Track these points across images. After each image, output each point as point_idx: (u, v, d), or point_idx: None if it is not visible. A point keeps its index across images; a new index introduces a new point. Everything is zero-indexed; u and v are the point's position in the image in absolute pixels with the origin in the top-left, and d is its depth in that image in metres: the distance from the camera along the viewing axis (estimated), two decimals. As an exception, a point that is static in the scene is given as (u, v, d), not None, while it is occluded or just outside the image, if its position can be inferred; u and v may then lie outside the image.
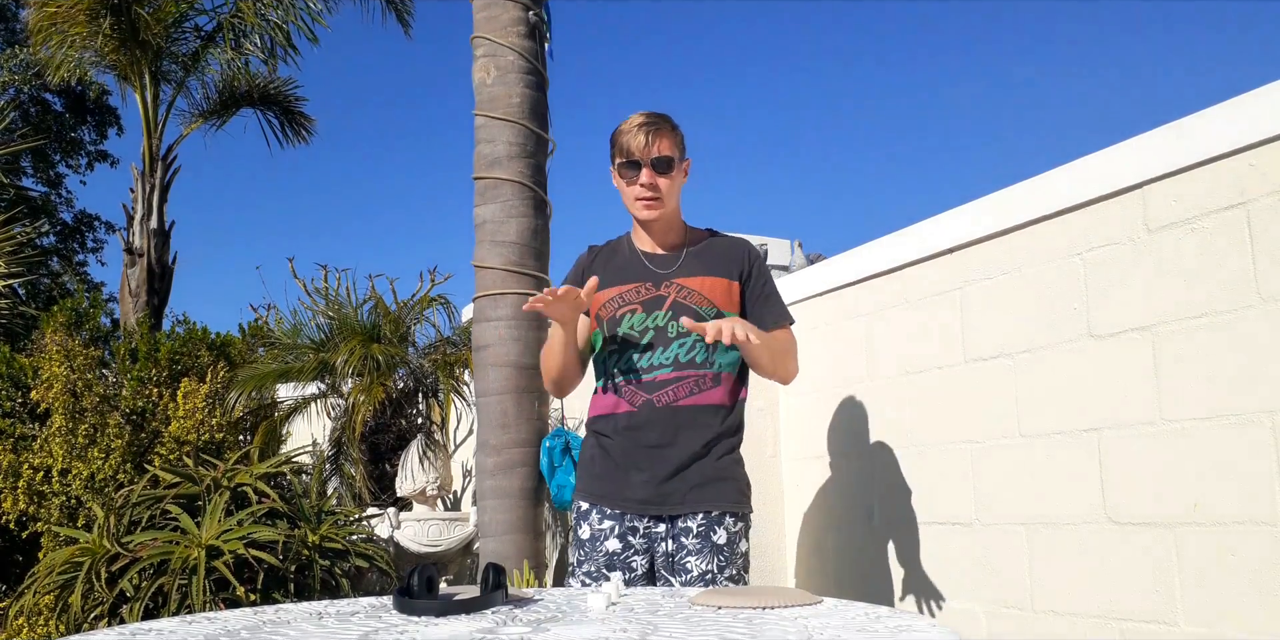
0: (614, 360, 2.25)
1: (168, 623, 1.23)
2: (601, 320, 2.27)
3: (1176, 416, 2.15)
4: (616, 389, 2.24)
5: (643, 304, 2.24)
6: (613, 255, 2.34)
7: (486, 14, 3.52)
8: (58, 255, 17.15)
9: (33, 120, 15.38)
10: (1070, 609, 2.35)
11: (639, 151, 2.20)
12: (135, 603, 3.21)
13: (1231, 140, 2.06)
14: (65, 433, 4.20)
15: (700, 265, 2.27)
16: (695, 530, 2.17)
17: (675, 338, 2.20)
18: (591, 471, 2.28)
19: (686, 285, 2.24)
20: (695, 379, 2.20)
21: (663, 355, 2.21)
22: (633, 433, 2.20)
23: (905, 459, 2.91)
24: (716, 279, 2.26)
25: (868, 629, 1.09)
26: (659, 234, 2.30)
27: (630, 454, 2.21)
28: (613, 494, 2.22)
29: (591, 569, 2.20)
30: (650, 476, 2.19)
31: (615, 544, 2.20)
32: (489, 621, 1.20)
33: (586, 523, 2.24)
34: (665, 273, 2.26)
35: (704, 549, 2.16)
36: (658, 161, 2.21)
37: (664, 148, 2.21)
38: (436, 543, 4.60)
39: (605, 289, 2.26)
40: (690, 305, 2.22)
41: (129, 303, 9.02)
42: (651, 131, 2.20)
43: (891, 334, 3.01)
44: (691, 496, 2.18)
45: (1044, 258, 2.50)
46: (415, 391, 5.47)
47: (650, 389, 2.20)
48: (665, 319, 2.22)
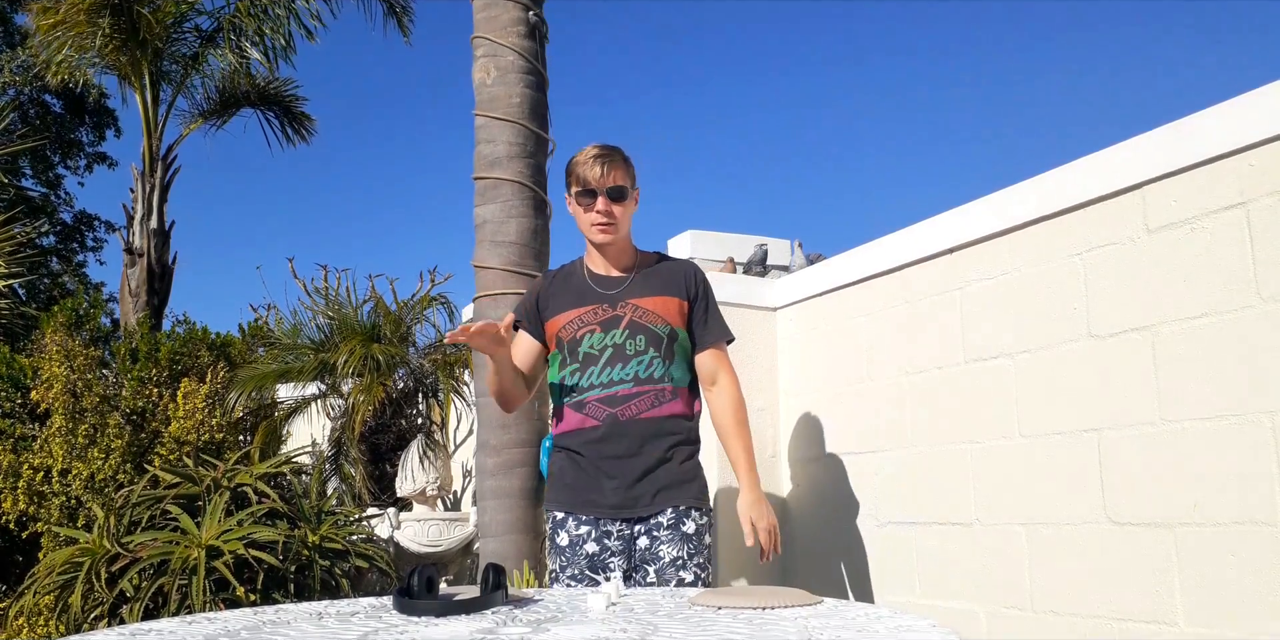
0: (575, 378, 2.38)
1: (168, 623, 1.23)
2: (561, 341, 2.41)
3: (1176, 417, 2.15)
4: (580, 405, 2.37)
5: (600, 324, 2.39)
6: (567, 279, 2.49)
7: (486, 14, 3.52)
8: (57, 255, 17.15)
9: (32, 121, 15.38)
10: (1070, 609, 2.35)
11: (595, 181, 2.36)
12: (135, 603, 3.21)
13: (1231, 140, 2.06)
14: (65, 433, 4.20)
15: (651, 286, 2.44)
16: (666, 523, 2.34)
17: (634, 355, 2.36)
18: (562, 482, 2.41)
19: (640, 305, 2.40)
20: (655, 393, 2.36)
21: (622, 371, 2.36)
22: (600, 445, 2.34)
23: (905, 459, 2.91)
24: (668, 298, 2.43)
25: (867, 629, 1.09)
26: (613, 257, 2.45)
27: (599, 464, 2.35)
28: (585, 501, 2.36)
29: (575, 572, 2.33)
30: (620, 483, 2.33)
31: (593, 547, 2.34)
32: (489, 622, 1.20)
33: (564, 530, 2.37)
34: (617, 293, 2.42)
35: (675, 538, 2.32)
36: (612, 190, 2.37)
37: (618, 178, 2.38)
38: (436, 543, 4.61)
39: (563, 312, 2.42)
40: (645, 323, 2.39)
41: (129, 303, 9.02)
42: (606, 163, 2.37)
43: (891, 334, 3.01)
44: (660, 497, 2.34)
45: (1044, 258, 2.50)
46: (415, 392, 5.47)
47: (613, 403, 2.34)
48: (623, 337, 2.38)
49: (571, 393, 2.39)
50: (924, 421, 2.85)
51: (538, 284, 2.55)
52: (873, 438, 3.04)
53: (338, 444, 5.17)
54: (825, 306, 3.31)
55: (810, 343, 3.37)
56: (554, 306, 2.45)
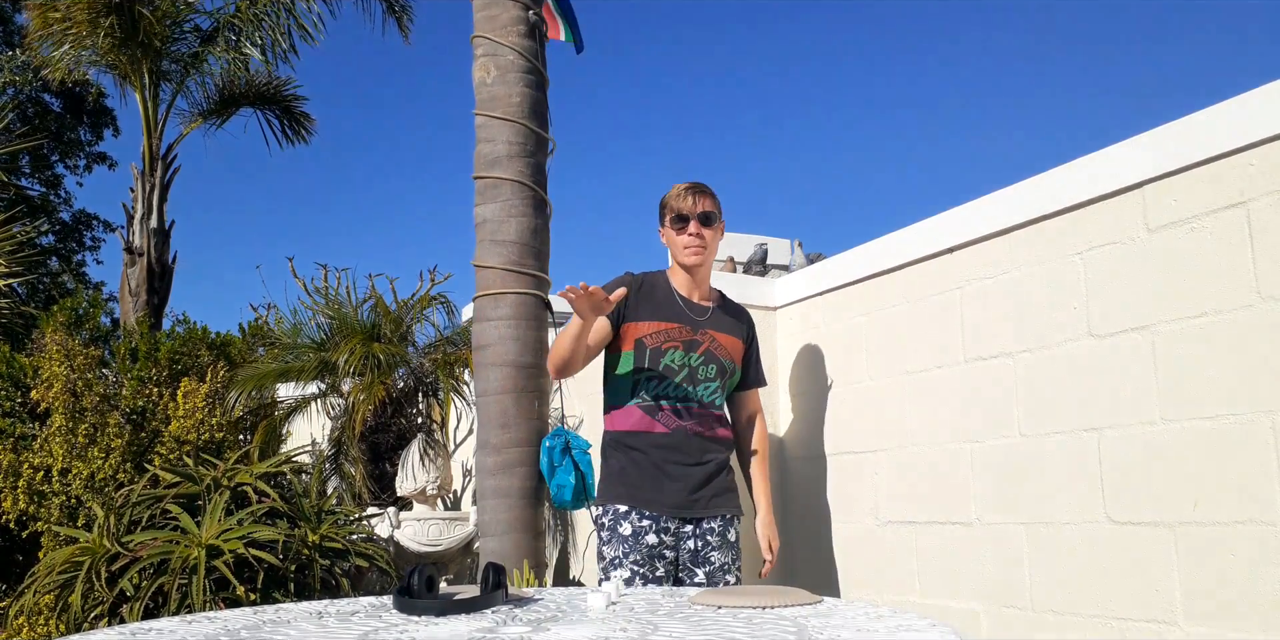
0: (652, 385, 2.66)
1: (168, 622, 1.23)
2: (644, 346, 2.67)
3: (1176, 416, 2.15)
4: (653, 410, 2.66)
5: (683, 343, 2.69)
6: (654, 288, 2.75)
7: (486, 13, 3.51)
8: (57, 255, 17.14)
9: (31, 120, 15.37)
10: (1070, 608, 2.35)
11: (688, 209, 2.68)
12: (135, 602, 3.21)
13: (1231, 140, 2.06)
14: (65, 432, 4.20)
15: (725, 324, 2.77)
16: (717, 530, 2.67)
17: (703, 381, 2.70)
18: (626, 479, 2.67)
19: (718, 338, 2.73)
20: (715, 417, 2.73)
21: (693, 391, 2.68)
22: (668, 451, 2.64)
23: (905, 459, 2.91)
24: (736, 339, 2.79)
25: (867, 628, 1.09)
26: (698, 282, 2.76)
27: (664, 467, 2.64)
28: (650, 499, 2.63)
29: (638, 558, 2.59)
30: (683, 486, 2.64)
31: (654, 538, 2.61)
32: (489, 621, 1.20)
33: (627, 521, 2.62)
34: (701, 321, 2.73)
35: (723, 545, 2.67)
36: (703, 216, 2.69)
37: (708, 205, 2.71)
38: (436, 542, 4.60)
39: (652, 321, 2.68)
40: (718, 356, 2.72)
41: (129, 302, 9.02)
42: (696, 193, 2.70)
43: (891, 333, 3.01)
44: (714, 503, 2.68)
45: (1044, 257, 2.50)
46: (415, 391, 5.47)
47: (683, 417, 2.67)
48: (698, 361, 2.69)
49: (645, 396, 2.66)
50: (924, 421, 2.85)
51: (628, 281, 2.73)
52: (873, 437, 3.04)
53: (338, 443, 5.17)
54: (825, 306, 3.31)
55: (810, 342, 3.37)
56: (644, 311, 2.69)
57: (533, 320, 3.33)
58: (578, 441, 3.56)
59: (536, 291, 3.37)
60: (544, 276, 3.45)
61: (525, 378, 3.32)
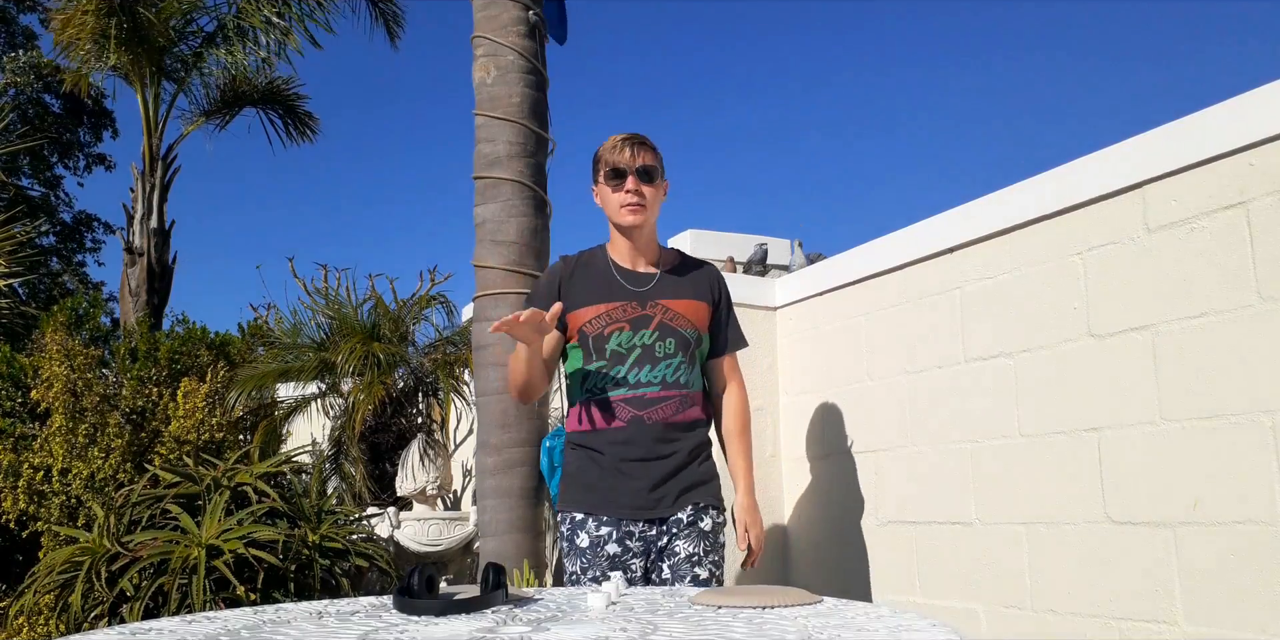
0: (599, 377, 2.33)
1: (168, 622, 1.23)
2: (586, 336, 2.34)
3: (1177, 416, 2.15)
4: (604, 404, 2.32)
5: (630, 322, 2.34)
6: (588, 268, 2.41)
7: (486, 13, 3.52)
8: (57, 255, 17.15)
9: (31, 121, 15.38)
10: (1070, 608, 2.35)
11: (624, 162, 2.33)
12: (135, 602, 3.21)
13: (1231, 140, 2.06)
14: (65, 432, 4.20)
15: (680, 287, 2.39)
16: (685, 520, 2.32)
17: (663, 358, 2.32)
18: (581, 482, 2.35)
19: (671, 307, 2.36)
20: (680, 397, 2.33)
21: (650, 373, 2.31)
22: (623, 447, 2.30)
23: (905, 458, 2.91)
24: (698, 302, 2.39)
25: (867, 628, 1.09)
26: (641, 247, 2.40)
27: (620, 466, 2.31)
28: (607, 502, 2.31)
29: (596, 574, 2.27)
30: (643, 484, 2.30)
31: (615, 547, 2.29)
32: (489, 621, 1.20)
33: (583, 531, 2.32)
34: (645, 291, 2.37)
35: (692, 534, 2.31)
36: (642, 170, 2.33)
37: (647, 159, 2.35)
38: (436, 542, 4.60)
39: (589, 306, 2.35)
40: (675, 327, 2.35)
41: (129, 302, 9.02)
42: (635, 145, 2.35)
43: (891, 333, 3.01)
44: (681, 498, 2.32)
45: (1044, 257, 2.50)
46: (415, 391, 5.47)
47: (639, 405, 2.30)
48: (652, 338, 2.33)
49: (595, 390, 2.34)
50: (924, 421, 2.85)
51: (557, 270, 2.45)
52: (872, 437, 3.04)
53: (338, 443, 5.17)
54: (825, 306, 3.31)
55: (810, 342, 3.37)
56: (578, 297, 2.36)
57: (533, 320, 3.33)
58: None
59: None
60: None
61: (525, 378, 3.32)
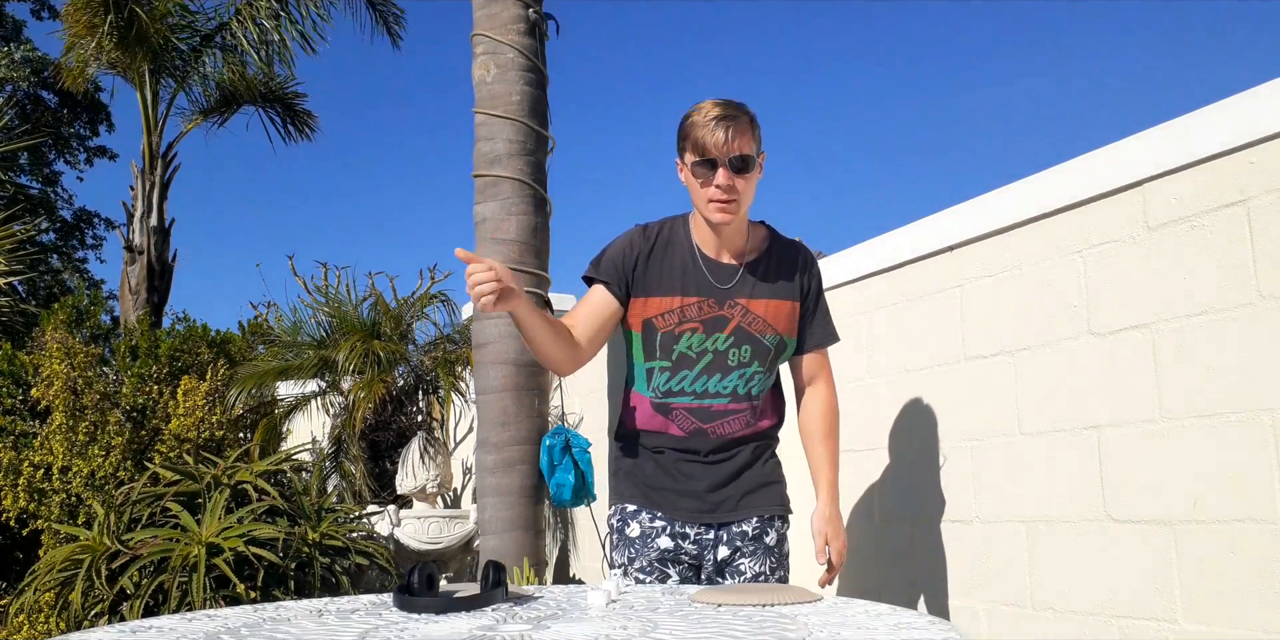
0: (664, 377, 2.11)
1: (168, 620, 1.23)
2: (654, 329, 2.10)
3: (1177, 414, 2.15)
4: (665, 409, 2.13)
5: (704, 323, 2.09)
6: (668, 250, 2.12)
7: (486, 12, 3.52)
8: (57, 252, 17.15)
9: (30, 117, 15.37)
10: (1070, 607, 2.36)
11: (716, 149, 1.98)
12: (136, 600, 3.21)
13: (1231, 138, 2.06)
14: (66, 430, 4.21)
15: (765, 284, 2.13)
16: (750, 533, 2.14)
17: (735, 367, 2.10)
18: (637, 479, 2.18)
19: (751, 310, 2.11)
20: (750, 411, 2.14)
21: (720, 383, 2.10)
22: (683, 453, 2.14)
23: (905, 457, 2.91)
24: (780, 302, 2.14)
25: (867, 626, 1.09)
26: (727, 239, 2.11)
27: (679, 466, 2.14)
28: (664, 502, 2.14)
29: (644, 564, 2.11)
30: (702, 486, 2.13)
31: (667, 542, 2.12)
32: (489, 619, 1.20)
33: (635, 521, 2.15)
34: (728, 288, 2.10)
35: (757, 551, 2.13)
36: (736, 160, 2.00)
37: (744, 145, 2.00)
38: (437, 540, 4.61)
39: (665, 296, 2.09)
40: (753, 332, 2.11)
41: (129, 300, 9.03)
42: (732, 126, 1.98)
43: (891, 332, 3.01)
44: (744, 502, 2.15)
45: (1044, 255, 2.50)
46: (415, 389, 5.47)
47: (704, 417, 2.11)
48: (726, 344, 2.09)
49: (658, 392, 2.13)
50: (923, 419, 2.85)
51: (636, 242, 2.13)
52: (872, 435, 3.04)
53: (338, 441, 5.17)
54: (825, 304, 3.31)
55: (810, 340, 3.37)
56: (653, 283, 2.09)
57: (533, 318, 3.33)
58: (578, 440, 3.56)
59: (536, 290, 3.37)
60: (544, 275, 3.46)
61: (525, 376, 3.33)
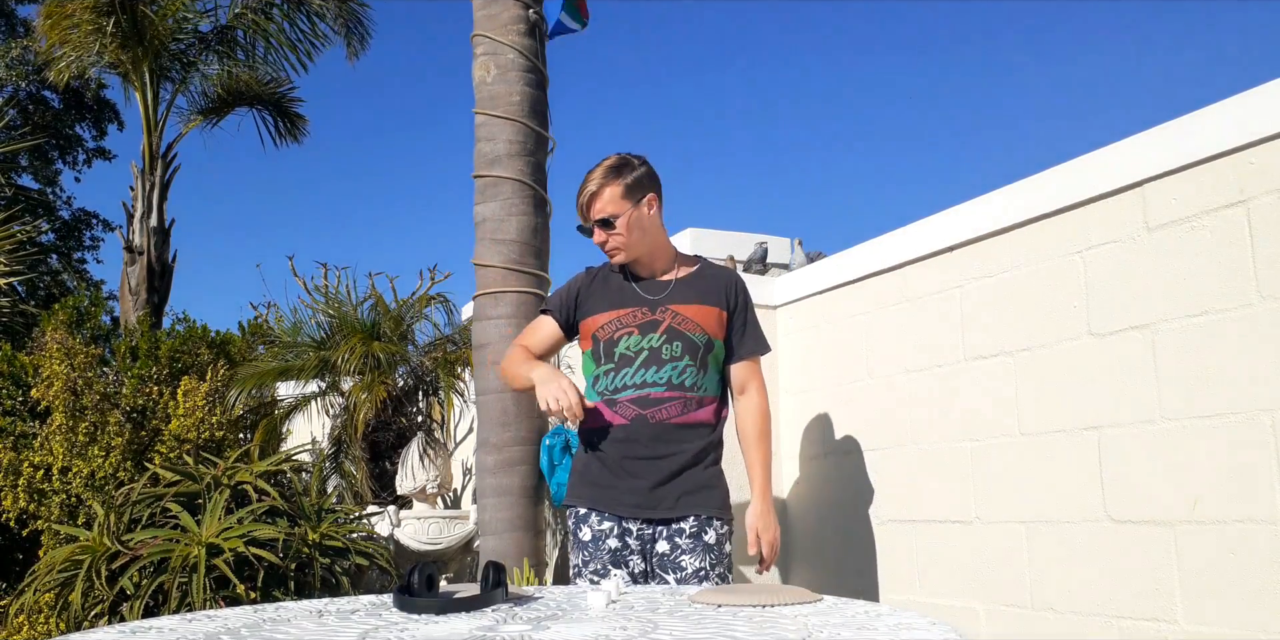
0: (610, 377, 2.42)
1: (168, 621, 1.23)
2: (598, 340, 2.45)
3: (1176, 414, 2.15)
4: (611, 403, 2.40)
5: (638, 327, 2.42)
6: (607, 279, 2.53)
7: (486, 12, 3.51)
8: (57, 253, 17.14)
9: (31, 118, 15.36)
10: (1070, 607, 2.36)
11: (583, 218, 2.43)
12: (135, 600, 3.21)
13: (1231, 138, 2.06)
14: (66, 431, 4.20)
15: (692, 293, 2.46)
16: (688, 531, 2.36)
17: (669, 360, 2.39)
18: (586, 478, 2.44)
19: (681, 312, 2.43)
20: (685, 400, 2.39)
21: (656, 374, 2.38)
22: (626, 444, 2.38)
23: (905, 457, 2.91)
24: (708, 307, 2.45)
25: (867, 627, 1.09)
26: (644, 266, 2.49)
27: (623, 464, 2.38)
28: (608, 499, 2.39)
29: (597, 567, 2.36)
30: (644, 483, 2.36)
31: (616, 542, 2.37)
32: (489, 619, 1.20)
33: (586, 525, 2.40)
34: (658, 298, 2.45)
35: (696, 548, 2.35)
36: (601, 222, 2.40)
37: (604, 208, 2.39)
38: (436, 541, 4.61)
39: (602, 312, 2.45)
40: (684, 331, 2.42)
41: (129, 301, 9.03)
42: (590, 196, 2.40)
43: (891, 332, 3.01)
44: (682, 502, 2.37)
45: (1044, 256, 2.50)
46: (415, 390, 5.47)
47: (643, 405, 2.38)
48: (660, 341, 2.40)
49: (604, 391, 2.43)
50: (923, 419, 2.85)
51: (580, 279, 2.57)
52: (872, 435, 3.04)
53: (338, 442, 5.17)
54: (825, 304, 3.31)
55: (810, 341, 3.37)
56: (593, 305, 2.48)
57: (533, 319, 3.33)
58: (578, 440, 3.56)
59: (536, 290, 3.37)
60: (544, 275, 3.46)
61: (525, 376, 3.32)
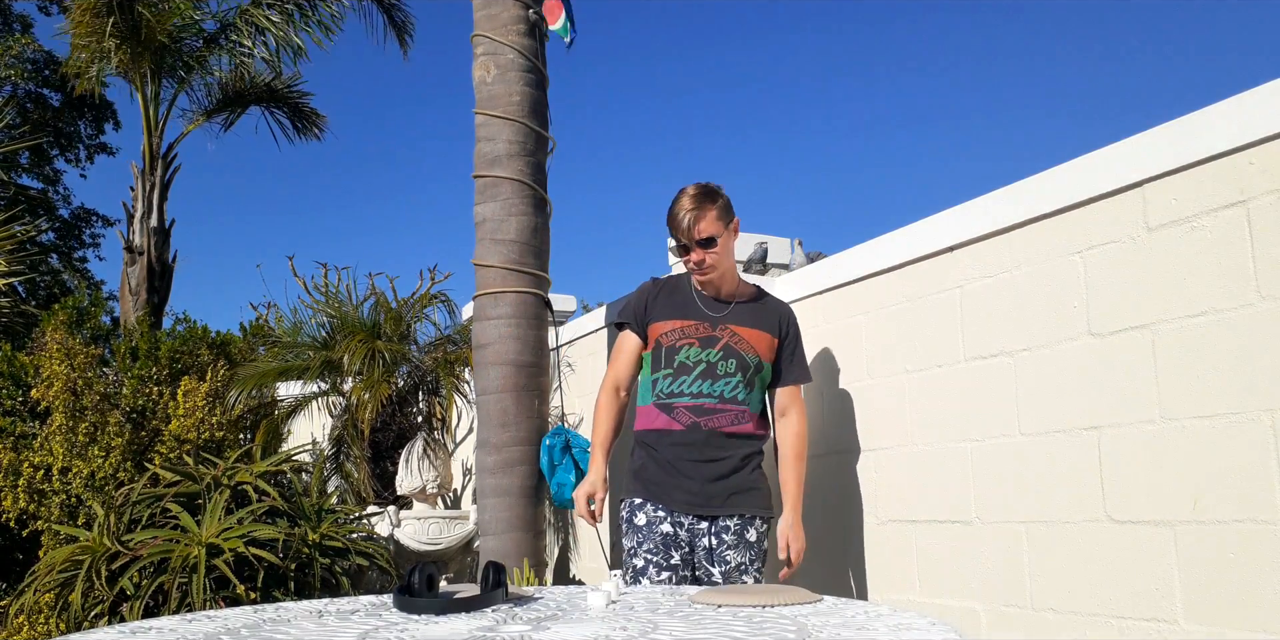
0: (667, 382, 2.68)
1: (168, 621, 1.23)
2: (660, 345, 2.71)
3: (1176, 414, 2.15)
4: (668, 408, 2.68)
5: (700, 340, 2.69)
6: (675, 290, 2.79)
7: (487, 13, 3.52)
8: (57, 252, 17.14)
9: (31, 116, 15.36)
10: (1070, 607, 2.35)
11: (684, 235, 2.61)
12: (135, 601, 3.21)
13: (1231, 138, 2.06)
14: (66, 431, 4.20)
15: (750, 318, 2.74)
16: (732, 529, 2.66)
17: (723, 376, 2.67)
18: (644, 476, 2.70)
19: (738, 332, 2.71)
20: (736, 412, 2.68)
21: (711, 387, 2.66)
22: (682, 448, 2.65)
23: (905, 457, 2.91)
24: (763, 333, 2.73)
25: (867, 627, 1.09)
26: (714, 288, 2.75)
27: (677, 464, 2.65)
28: (664, 495, 2.66)
29: (651, 546, 2.61)
30: (696, 483, 2.64)
31: (668, 528, 2.63)
32: (489, 620, 1.20)
33: (642, 512, 2.67)
34: (719, 316, 2.72)
35: (739, 544, 2.66)
36: (703, 242, 2.62)
37: (706, 228, 2.60)
38: (437, 541, 4.61)
39: (668, 320, 2.72)
40: (739, 350, 2.69)
41: (129, 301, 9.02)
42: (695, 214, 2.60)
43: (891, 332, 3.01)
44: (731, 500, 2.66)
45: (1044, 256, 2.50)
46: (416, 389, 5.47)
47: (699, 413, 2.66)
48: (717, 357, 2.68)
49: (661, 395, 2.69)
50: (924, 419, 2.85)
51: (647, 289, 2.82)
52: (873, 435, 3.04)
53: (338, 442, 5.17)
54: (825, 304, 3.31)
55: (810, 341, 3.37)
56: (660, 312, 2.73)
57: (533, 319, 3.33)
58: (578, 440, 3.56)
59: (536, 290, 3.37)
60: (544, 275, 3.46)
61: (525, 376, 3.32)
